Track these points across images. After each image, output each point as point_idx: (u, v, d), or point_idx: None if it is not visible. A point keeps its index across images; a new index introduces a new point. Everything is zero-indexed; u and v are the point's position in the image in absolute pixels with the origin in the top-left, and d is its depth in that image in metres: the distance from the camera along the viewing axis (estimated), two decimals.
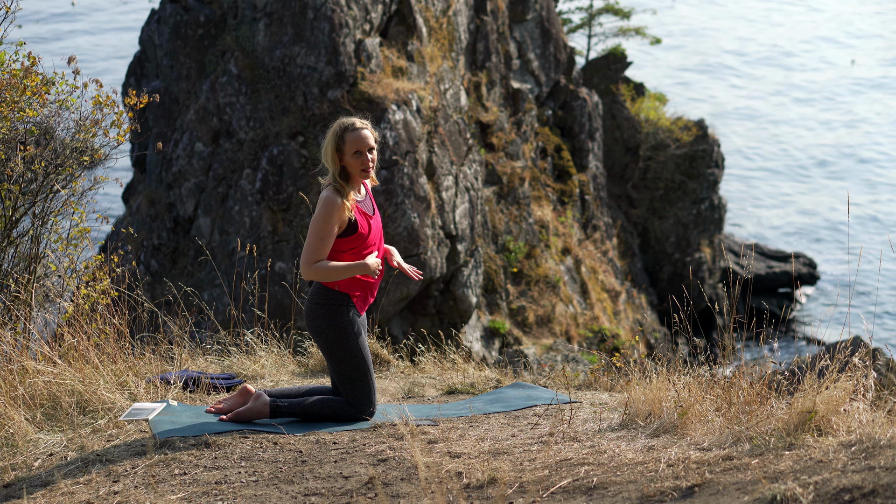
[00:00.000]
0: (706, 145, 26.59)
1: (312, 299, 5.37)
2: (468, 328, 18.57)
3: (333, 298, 5.32)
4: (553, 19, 24.27)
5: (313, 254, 5.19)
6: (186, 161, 18.24)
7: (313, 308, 5.35)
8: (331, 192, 5.25)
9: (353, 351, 5.34)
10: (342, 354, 5.34)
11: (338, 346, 5.33)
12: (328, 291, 5.31)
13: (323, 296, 5.32)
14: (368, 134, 5.31)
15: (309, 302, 5.38)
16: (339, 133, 5.28)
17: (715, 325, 24.24)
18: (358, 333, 5.36)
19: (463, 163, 18.90)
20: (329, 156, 5.29)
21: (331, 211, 5.18)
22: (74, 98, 6.46)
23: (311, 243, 5.19)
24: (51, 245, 6.48)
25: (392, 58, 18.59)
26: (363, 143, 5.27)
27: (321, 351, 5.43)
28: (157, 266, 18.20)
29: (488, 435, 5.05)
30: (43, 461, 4.77)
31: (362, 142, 5.27)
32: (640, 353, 17.82)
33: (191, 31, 18.85)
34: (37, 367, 5.50)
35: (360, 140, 5.27)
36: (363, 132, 5.29)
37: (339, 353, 5.34)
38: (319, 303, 5.32)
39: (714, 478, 3.81)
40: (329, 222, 5.18)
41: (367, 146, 5.29)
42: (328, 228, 5.18)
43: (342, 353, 5.34)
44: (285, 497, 4.28)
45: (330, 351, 5.36)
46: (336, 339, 5.31)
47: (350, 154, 5.27)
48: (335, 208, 5.19)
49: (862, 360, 4.63)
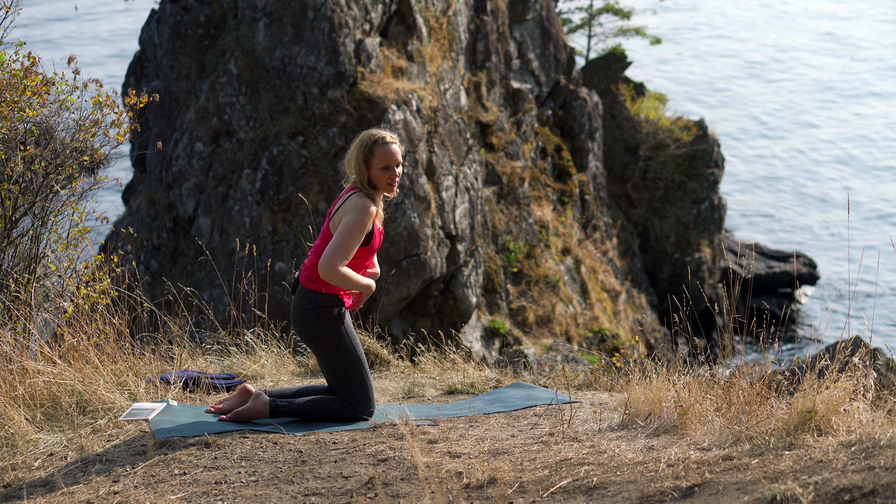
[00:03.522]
0: (706, 145, 26.60)
1: (301, 304, 5.34)
2: (468, 328, 18.57)
3: (323, 301, 5.31)
4: (553, 19, 24.27)
5: (343, 256, 5.15)
6: (186, 161, 18.24)
7: (303, 313, 5.33)
8: (365, 199, 5.25)
9: (346, 350, 5.34)
10: (336, 355, 5.33)
11: (332, 347, 5.32)
12: (317, 295, 5.31)
13: (312, 300, 5.31)
14: (398, 149, 5.33)
15: (297, 308, 5.36)
16: (369, 145, 5.28)
17: (715, 325, 24.23)
18: (349, 331, 5.37)
19: (463, 163, 18.90)
20: (355, 166, 5.28)
21: (367, 219, 5.19)
22: (74, 98, 6.46)
23: (342, 245, 5.15)
24: (51, 245, 6.48)
25: (392, 58, 18.59)
26: (392, 158, 5.28)
27: (315, 354, 5.42)
28: (157, 266, 18.20)
29: (488, 435, 5.05)
30: (43, 461, 4.77)
31: (391, 157, 5.28)
32: (640, 353, 17.82)
33: (191, 31, 18.85)
34: (37, 367, 5.50)
35: (390, 155, 5.28)
36: (393, 147, 5.30)
37: (334, 353, 5.33)
38: (309, 307, 5.31)
39: (714, 478, 3.81)
40: (363, 230, 5.19)
41: (396, 161, 5.30)
42: (360, 235, 5.19)
43: (336, 353, 5.33)
44: (285, 497, 4.28)
45: (324, 353, 5.35)
46: (329, 340, 5.31)
47: (378, 168, 5.28)
48: (371, 216, 5.21)
49: (862, 360, 4.63)
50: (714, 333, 23.94)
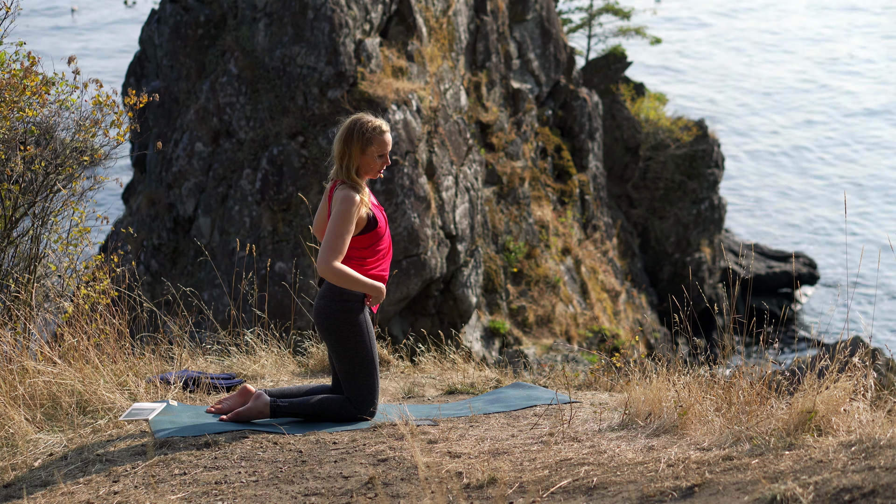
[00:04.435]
0: (706, 145, 26.60)
1: (326, 296, 5.33)
2: (468, 328, 18.57)
3: (349, 296, 5.31)
4: (553, 19, 24.27)
5: (334, 251, 5.16)
6: (186, 161, 18.24)
7: (327, 305, 5.32)
8: (349, 190, 5.26)
9: (364, 349, 5.34)
10: (353, 353, 5.33)
11: (350, 344, 5.32)
12: (343, 290, 5.31)
13: (338, 293, 5.30)
14: (391, 138, 5.40)
15: (322, 299, 5.35)
16: (369, 134, 5.30)
17: (715, 325, 24.23)
18: (368, 329, 5.37)
19: (463, 163, 18.90)
20: (349, 153, 5.30)
21: (351, 208, 5.21)
22: (74, 98, 6.46)
23: (331, 240, 5.17)
24: (51, 245, 6.48)
25: (392, 58, 18.59)
26: (387, 146, 5.37)
27: (330, 348, 5.40)
28: (157, 266, 18.19)
29: (488, 435, 5.05)
30: (43, 461, 4.77)
31: (387, 146, 5.36)
32: (640, 353, 17.81)
33: (191, 31, 18.85)
34: (37, 367, 5.49)
35: (386, 144, 5.35)
36: (388, 136, 5.38)
37: (351, 350, 5.33)
38: (335, 300, 5.30)
39: (714, 478, 3.81)
40: (350, 220, 5.20)
41: (389, 150, 5.39)
42: (349, 226, 5.19)
43: (353, 350, 5.33)
44: (285, 497, 4.28)
45: (341, 348, 5.34)
46: (349, 337, 5.31)
47: (374, 156, 5.32)
48: (356, 206, 5.22)
49: (862, 360, 4.63)
50: (714, 333, 23.94)
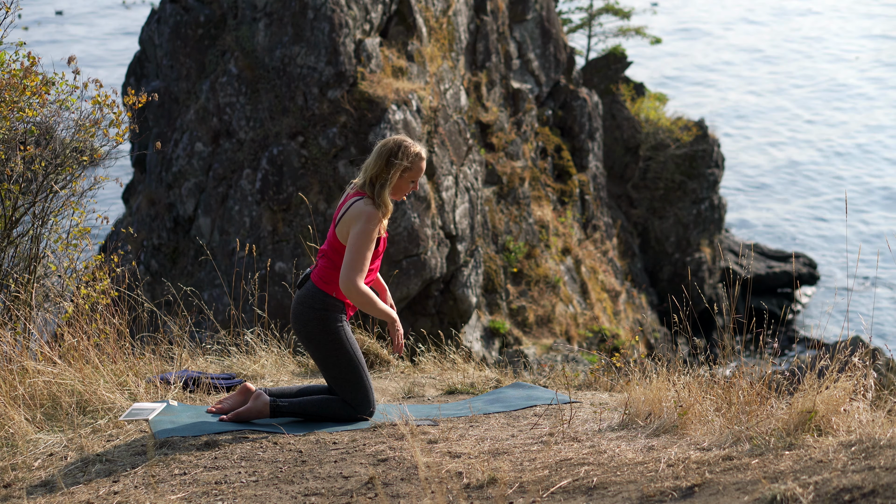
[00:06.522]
0: (706, 145, 26.60)
1: (305, 303, 5.31)
2: (468, 328, 18.57)
3: (329, 304, 5.30)
4: (553, 19, 24.27)
5: (359, 269, 5.15)
6: (186, 161, 18.24)
7: (305, 312, 5.30)
8: (372, 207, 5.25)
9: (347, 355, 5.32)
10: (335, 359, 5.32)
11: (331, 352, 5.30)
12: (325, 297, 5.29)
13: (319, 300, 5.28)
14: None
15: (300, 305, 5.33)
16: (412, 159, 5.32)
17: (715, 326, 24.23)
18: (348, 335, 5.35)
19: (463, 163, 18.90)
20: (390, 175, 5.27)
21: (375, 227, 5.22)
22: (74, 98, 6.46)
23: (356, 259, 5.15)
24: (51, 245, 6.48)
25: (392, 58, 18.59)
26: (422, 173, 5.44)
27: (313, 357, 5.38)
28: (157, 266, 18.20)
29: (488, 435, 5.05)
30: (43, 461, 4.77)
31: (422, 172, 5.43)
32: (640, 353, 17.82)
33: (191, 31, 18.85)
34: (37, 367, 5.49)
35: (422, 171, 5.42)
36: (425, 163, 5.43)
37: (333, 358, 5.31)
38: (314, 307, 5.29)
39: (714, 478, 3.81)
40: (372, 238, 5.21)
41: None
42: (371, 244, 5.21)
43: (335, 357, 5.31)
44: (285, 497, 4.28)
45: (323, 356, 5.33)
46: (329, 344, 5.29)
47: (409, 181, 5.36)
48: (378, 224, 5.25)
49: (862, 360, 4.63)
50: (714, 333, 23.94)
